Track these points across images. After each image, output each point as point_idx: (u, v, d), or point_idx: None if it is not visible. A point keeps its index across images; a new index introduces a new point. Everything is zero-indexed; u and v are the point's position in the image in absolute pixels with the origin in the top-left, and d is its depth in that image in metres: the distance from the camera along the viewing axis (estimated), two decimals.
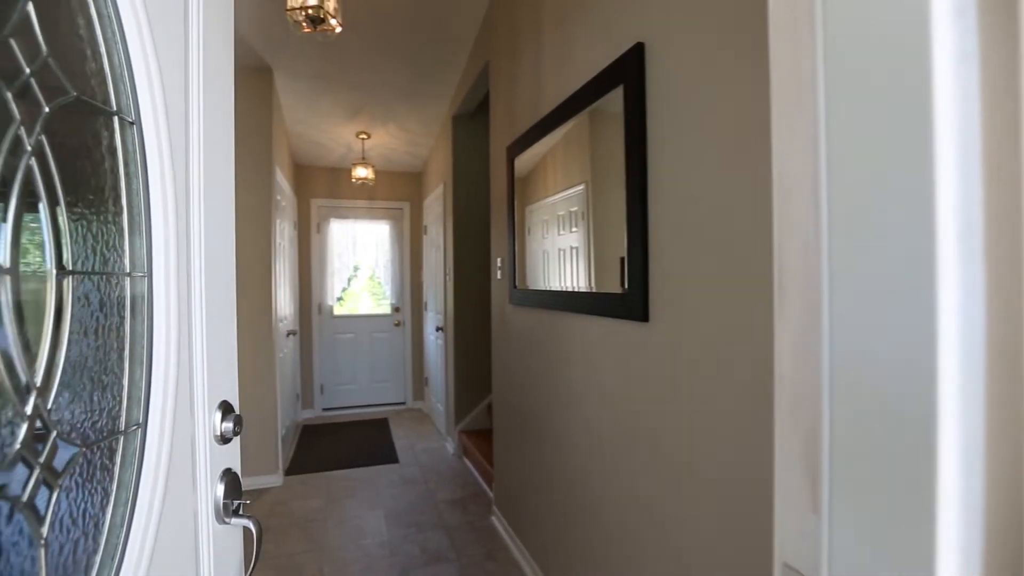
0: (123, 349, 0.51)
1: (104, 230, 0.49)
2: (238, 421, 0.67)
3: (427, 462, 3.86)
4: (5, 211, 0.42)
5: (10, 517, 0.42)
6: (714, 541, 1.17)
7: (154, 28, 0.51)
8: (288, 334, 4.14)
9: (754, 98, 1.04)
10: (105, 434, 0.49)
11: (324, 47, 3.12)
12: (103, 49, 0.48)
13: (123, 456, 0.51)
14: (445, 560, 2.51)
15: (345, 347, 5.27)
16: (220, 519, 0.66)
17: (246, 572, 0.71)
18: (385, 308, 5.46)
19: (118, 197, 0.49)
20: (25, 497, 0.43)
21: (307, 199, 5.09)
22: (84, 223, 0.47)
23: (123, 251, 0.51)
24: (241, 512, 0.68)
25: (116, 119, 0.49)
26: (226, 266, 0.69)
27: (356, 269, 5.43)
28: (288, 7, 2.05)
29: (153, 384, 0.52)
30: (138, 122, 0.51)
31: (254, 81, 3.36)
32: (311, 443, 4.31)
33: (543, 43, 2.11)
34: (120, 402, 0.50)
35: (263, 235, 3.38)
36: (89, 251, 0.48)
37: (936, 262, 0.37)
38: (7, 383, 0.42)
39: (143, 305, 0.53)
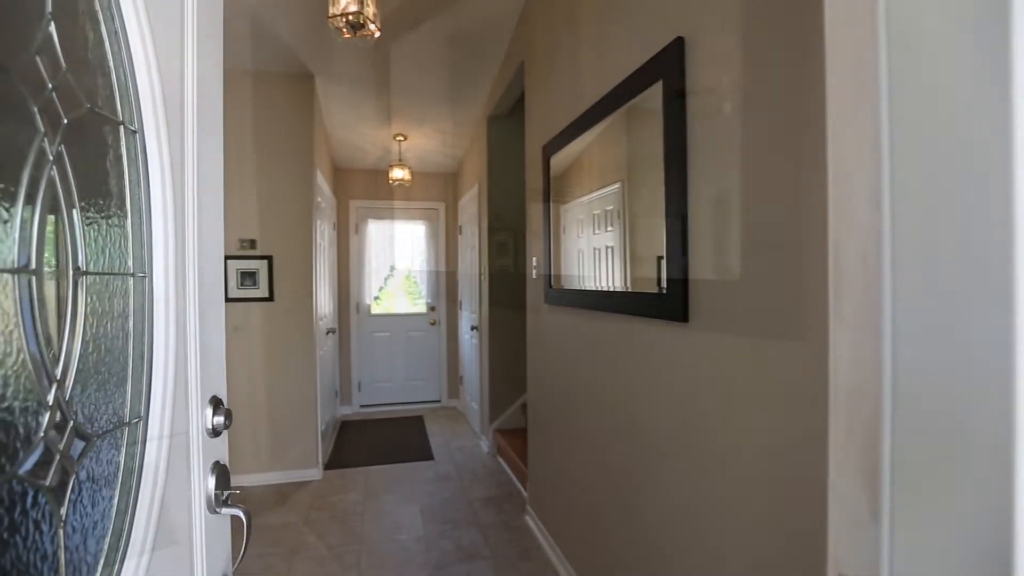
0: (127, 345, 0.54)
1: (111, 233, 0.52)
2: (228, 415, 0.70)
3: (462, 460, 3.90)
4: (31, 216, 0.45)
5: (35, 500, 0.46)
6: (761, 548, 1.12)
7: (157, 45, 0.54)
8: (327, 332, 4.27)
9: (805, 92, 0.99)
10: (112, 425, 0.53)
11: (363, 52, 3.20)
12: (111, 64, 0.51)
13: (126, 446, 0.54)
14: (479, 558, 2.53)
15: (382, 345, 5.39)
16: (212, 509, 0.69)
17: (236, 559, 0.74)
18: (421, 307, 5.55)
19: (123, 201, 0.53)
20: (48, 482, 0.47)
21: (346, 200, 5.24)
22: (95, 226, 0.50)
23: (127, 252, 0.54)
24: (230, 502, 0.71)
25: (122, 128, 0.52)
26: (216, 264, 0.72)
27: (392, 269, 5.54)
28: (329, 15, 2.11)
29: (153, 378, 0.55)
30: (140, 131, 0.54)
31: (297, 88, 3.48)
32: (349, 439, 4.43)
33: (579, 41, 2.09)
34: (124, 395, 0.54)
35: (305, 236, 3.50)
36: (99, 252, 0.51)
37: (1015, 264, 0.34)
38: (33, 376, 0.45)
39: (144, 303, 0.56)
